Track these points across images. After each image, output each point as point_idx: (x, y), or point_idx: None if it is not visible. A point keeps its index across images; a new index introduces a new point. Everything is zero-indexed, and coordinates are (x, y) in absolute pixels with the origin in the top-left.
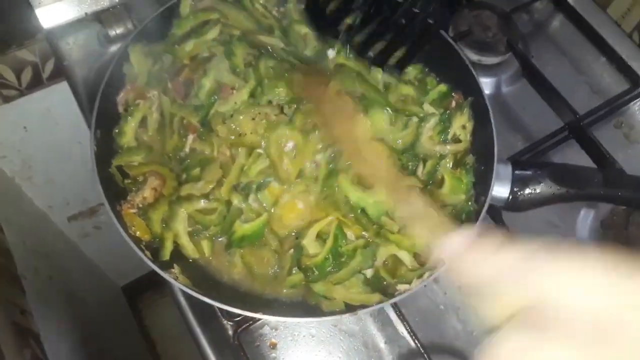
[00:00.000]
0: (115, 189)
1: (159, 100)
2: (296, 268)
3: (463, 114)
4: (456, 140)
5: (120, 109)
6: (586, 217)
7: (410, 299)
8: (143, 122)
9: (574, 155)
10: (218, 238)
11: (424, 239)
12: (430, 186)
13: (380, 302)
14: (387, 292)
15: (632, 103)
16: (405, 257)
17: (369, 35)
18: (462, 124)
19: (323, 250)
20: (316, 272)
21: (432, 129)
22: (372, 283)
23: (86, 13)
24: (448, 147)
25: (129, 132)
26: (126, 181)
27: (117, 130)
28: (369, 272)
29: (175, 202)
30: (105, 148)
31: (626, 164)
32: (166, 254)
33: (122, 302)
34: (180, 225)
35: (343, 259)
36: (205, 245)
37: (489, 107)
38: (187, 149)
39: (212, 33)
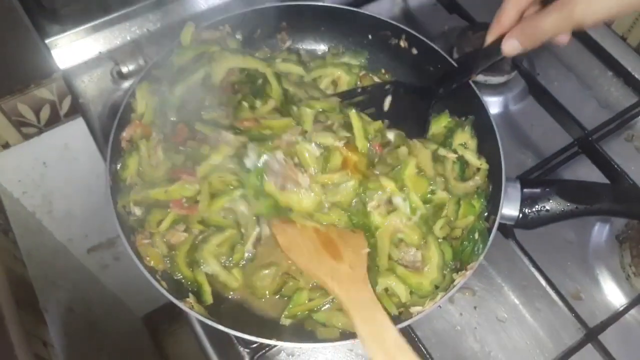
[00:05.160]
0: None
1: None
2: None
3: (464, 132)
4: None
5: (124, 144)
6: (601, 232)
7: (425, 320)
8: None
9: (585, 171)
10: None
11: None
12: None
13: None
14: (395, 317)
15: None
16: (402, 292)
17: None
18: (463, 142)
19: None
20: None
21: (452, 170)
22: None
23: (100, 52)
24: (477, 177)
25: (131, 166)
26: (131, 218)
27: (120, 165)
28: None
29: (194, 248)
30: (121, 181)
31: (639, 177)
32: (208, 298)
33: (143, 332)
34: (214, 265)
35: None
36: (236, 273)
37: (495, 126)
38: None
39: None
